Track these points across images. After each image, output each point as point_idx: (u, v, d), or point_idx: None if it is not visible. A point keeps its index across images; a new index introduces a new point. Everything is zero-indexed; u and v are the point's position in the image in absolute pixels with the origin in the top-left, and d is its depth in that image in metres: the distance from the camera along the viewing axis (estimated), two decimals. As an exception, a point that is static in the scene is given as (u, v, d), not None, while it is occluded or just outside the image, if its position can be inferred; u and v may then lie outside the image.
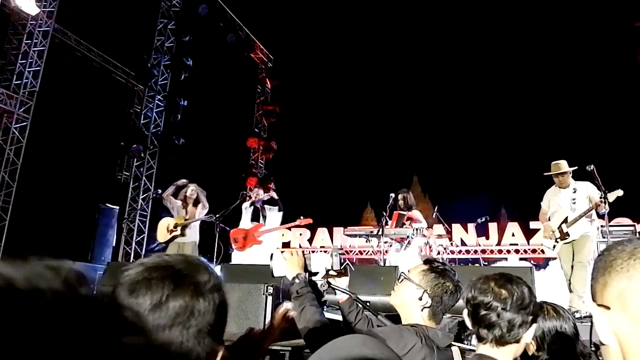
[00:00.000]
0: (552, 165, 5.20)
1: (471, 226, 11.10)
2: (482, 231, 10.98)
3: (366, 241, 6.82)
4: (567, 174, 5.09)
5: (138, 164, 11.74)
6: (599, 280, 0.74)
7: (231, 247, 6.94)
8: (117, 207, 10.78)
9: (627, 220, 8.13)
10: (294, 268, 2.02)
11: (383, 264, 5.78)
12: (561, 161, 5.16)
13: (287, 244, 12.48)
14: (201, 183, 6.66)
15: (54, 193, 9.40)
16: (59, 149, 9.73)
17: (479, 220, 6.65)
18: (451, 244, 10.77)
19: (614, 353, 0.70)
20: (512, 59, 13.47)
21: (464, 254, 11.17)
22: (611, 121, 11.92)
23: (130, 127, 11.88)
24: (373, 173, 14.88)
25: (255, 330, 1.52)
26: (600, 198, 4.77)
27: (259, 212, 6.65)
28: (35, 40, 9.47)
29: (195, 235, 6.28)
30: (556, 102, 13.24)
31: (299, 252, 2.10)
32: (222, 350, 0.82)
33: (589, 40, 12.03)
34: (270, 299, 2.74)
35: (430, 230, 6.94)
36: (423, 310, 1.73)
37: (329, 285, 2.10)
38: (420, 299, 1.72)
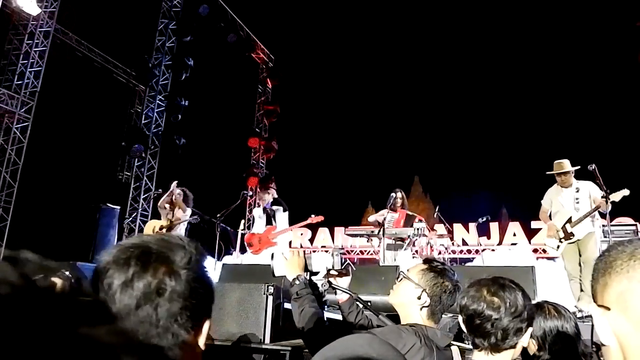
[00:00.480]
0: (555, 164, 5.16)
1: (472, 226, 11.09)
2: (484, 231, 10.96)
3: (367, 241, 6.81)
4: (570, 173, 5.07)
5: (139, 164, 11.75)
6: (599, 281, 0.73)
7: (232, 248, 6.94)
8: (118, 207, 10.78)
9: (629, 220, 8.12)
10: (294, 269, 2.02)
11: (383, 264, 5.77)
12: (564, 160, 5.13)
13: (289, 244, 12.48)
14: (202, 183, 6.67)
15: (55, 193, 9.41)
16: (60, 149, 9.74)
17: (480, 220, 6.63)
18: (452, 243, 10.82)
19: (615, 354, 0.70)
20: (514, 59, 13.46)
21: (465, 253, 11.17)
22: (612, 121, 11.91)
23: (131, 127, 11.89)
24: (374, 173, 14.89)
25: None
26: (602, 197, 4.76)
27: (270, 216, 6.65)
28: (37, 41, 9.48)
29: None
30: (557, 102, 13.23)
31: (300, 253, 2.10)
32: (208, 326, 0.81)
33: (590, 40, 12.02)
34: (270, 298, 2.74)
35: (434, 231, 6.92)
36: (422, 309, 1.72)
37: (330, 285, 2.10)
38: (419, 298, 1.72)
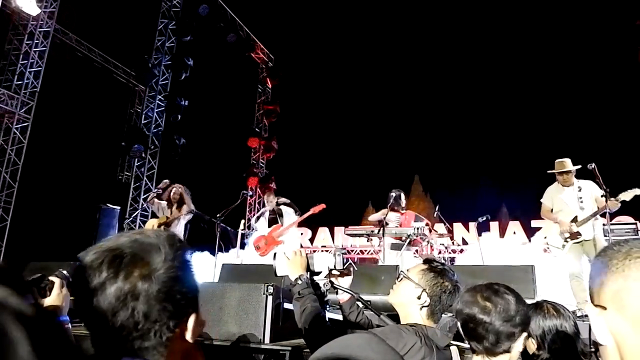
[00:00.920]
0: (556, 163, 5.13)
1: (472, 225, 11.08)
2: (484, 230, 10.96)
3: (367, 240, 6.80)
4: (571, 172, 5.05)
5: (139, 164, 11.75)
6: (595, 281, 0.74)
7: (232, 247, 6.93)
8: (119, 207, 10.78)
9: (629, 219, 8.12)
10: (296, 269, 2.03)
11: (383, 263, 5.77)
12: (565, 159, 5.10)
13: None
14: (202, 183, 6.66)
15: (55, 193, 9.41)
16: (60, 150, 9.74)
17: (480, 219, 6.61)
18: (452, 242, 10.82)
19: (612, 353, 0.70)
20: (513, 58, 13.46)
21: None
22: (611, 119, 11.91)
23: (131, 127, 11.89)
24: (374, 172, 14.89)
25: None
26: (602, 196, 4.75)
27: (278, 216, 6.55)
28: (36, 41, 9.48)
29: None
30: (557, 101, 13.23)
31: (302, 253, 2.10)
32: (193, 320, 0.81)
33: (590, 39, 12.02)
34: (270, 298, 2.74)
35: (435, 231, 6.92)
36: (422, 309, 1.73)
37: (332, 284, 2.11)
38: (419, 297, 1.73)
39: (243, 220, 8.42)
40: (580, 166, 4.99)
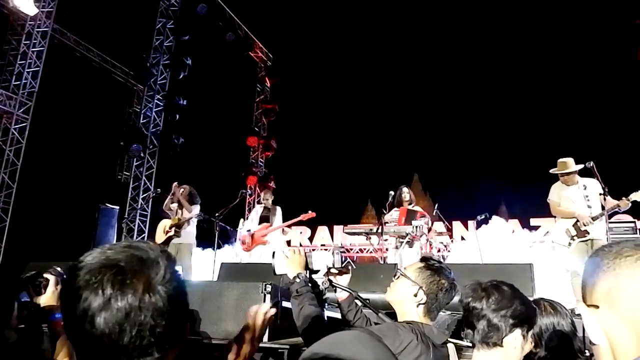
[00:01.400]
0: (559, 162, 5.08)
1: (471, 223, 11.08)
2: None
3: (366, 239, 6.81)
4: (574, 172, 5.03)
5: (138, 163, 11.74)
6: (587, 281, 0.74)
7: (230, 246, 6.94)
8: (117, 207, 10.78)
9: (628, 217, 8.11)
10: (295, 267, 2.04)
11: (383, 262, 5.78)
12: (568, 159, 5.04)
13: (288, 243, 12.50)
14: (201, 182, 6.68)
15: (54, 193, 9.41)
16: (59, 150, 9.73)
17: (479, 217, 6.61)
18: (452, 241, 10.82)
19: (605, 352, 0.71)
20: (513, 57, 13.46)
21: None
22: (611, 118, 11.92)
23: (130, 127, 11.88)
24: (373, 171, 14.89)
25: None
26: (600, 195, 4.74)
27: (269, 215, 6.68)
28: (34, 41, 9.46)
29: (190, 237, 6.26)
30: (556, 100, 13.24)
31: (301, 251, 2.11)
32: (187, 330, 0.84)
33: (590, 38, 12.02)
34: (268, 297, 2.74)
35: (434, 230, 6.92)
36: (418, 306, 1.74)
37: (331, 283, 2.12)
38: (416, 295, 1.74)
39: (242, 219, 8.44)
40: (582, 165, 4.94)
